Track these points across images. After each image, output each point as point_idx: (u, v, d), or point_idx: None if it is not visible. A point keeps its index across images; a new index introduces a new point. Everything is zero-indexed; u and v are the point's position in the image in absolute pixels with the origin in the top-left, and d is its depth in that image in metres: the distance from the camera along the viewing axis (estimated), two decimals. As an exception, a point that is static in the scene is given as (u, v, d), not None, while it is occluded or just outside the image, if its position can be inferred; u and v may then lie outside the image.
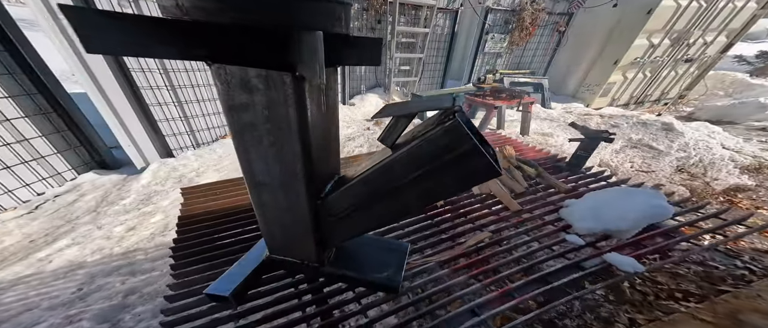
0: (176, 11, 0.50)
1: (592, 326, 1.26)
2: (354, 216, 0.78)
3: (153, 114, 2.61)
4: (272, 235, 0.92)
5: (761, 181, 2.75)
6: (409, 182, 0.63)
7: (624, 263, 0.88)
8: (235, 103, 0.63)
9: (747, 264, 1.67)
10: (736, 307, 1.28)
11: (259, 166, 0.73)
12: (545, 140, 3.50)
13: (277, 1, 0.50)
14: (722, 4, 4.90)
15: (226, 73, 0.59)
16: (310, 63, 0.48)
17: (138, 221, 2.06)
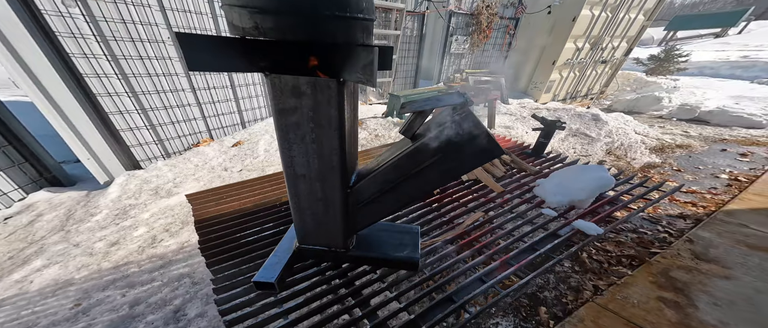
0: (254, 32, 0.60)
1: (567, 294, 1.55)
2: (382, 199, 0.91)
3: (114, 123, 2.38)
4: (304, 224, 1.01)
5: (665, 158, 3.50)
6: (434, 163, 0.77)
7: (589, 228, 1.16)
8: (286, 107, 0.73)
9: (665, 228, 2.18)
10: (666, 266, 1.70)
11: (300, 160, 0.84)
12: (509, 132, 3.97)
13: (336, 23, 0.61)
14: (622, 15, 5.99)
15: (280, 82, 0.70)
16: (368, 75, 0.60)
17: (119, 235, 1.93)
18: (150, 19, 2.36)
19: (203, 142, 3.10)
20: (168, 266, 1.71)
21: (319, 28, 0.60)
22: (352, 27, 0.64)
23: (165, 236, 1.96)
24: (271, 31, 0.58)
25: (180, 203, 2.28)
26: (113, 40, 2.22)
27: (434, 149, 0.76)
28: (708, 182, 2.88)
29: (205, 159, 2.86)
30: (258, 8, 0.55)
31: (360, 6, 0.63)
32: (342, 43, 0.64)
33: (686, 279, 1.56)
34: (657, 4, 6.49)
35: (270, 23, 0.57)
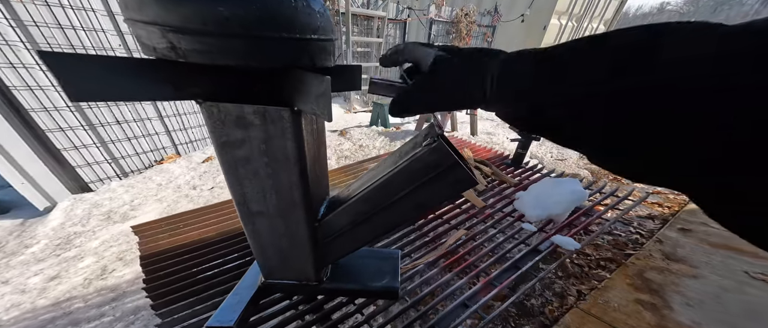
0: (171, 54, 0.47)
1: (552, 301, 1.56)
2: (354, 231, 0.84)
3: (53, 142, 2.11)
4: (268, 260, 0.91)
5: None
6: (405, 195, 0.71)
7: (566, 243, 1.15)
8: (230, 140, 0.62)
9: (637, 229, 2.27)
10: (640, 267, 1.75)
11: (255, 197, 0.73)
12: (490, 139, 4.04)
13: (277, 45, 0.50)
14: (585, 24, 6.45)
15: (219, 111, 0.58)
16: (322, 107, 0.51)
17: (60, 268, 1.69)
18: (95, 25, 2.13)
19: (168, 159, 2.84)
20: (122, 298, 1.52)
21: (261, 52, 0.49)
22: (304, 49, 0.55)
23: (118, 266, 1.74)
24: (196, 54, 0.46)
25: (137, 228, 2.05)
26: (48, 48, 1.97)
27: (404, 182, 0.69)
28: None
29: (170, 177, 2.62)
30: (173, 28, 0.43)
31: (312, 25, 0.53)
32: (292, 68, 0.54)
33: (660, 280, 1.61)
34: (615, 15, 7.02)
35: (193, 45, 0.45)
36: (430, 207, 0.76)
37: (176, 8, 0.42)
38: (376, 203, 0.76)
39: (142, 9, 0.43)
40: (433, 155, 0.64)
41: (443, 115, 3.84)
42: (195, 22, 0.43)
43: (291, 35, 0.50)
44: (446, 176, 0.66)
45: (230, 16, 0.43)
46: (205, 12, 0.42)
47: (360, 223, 0.81)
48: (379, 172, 0.79)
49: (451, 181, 0.65)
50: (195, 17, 0.43)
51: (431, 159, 0.64)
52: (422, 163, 0.65)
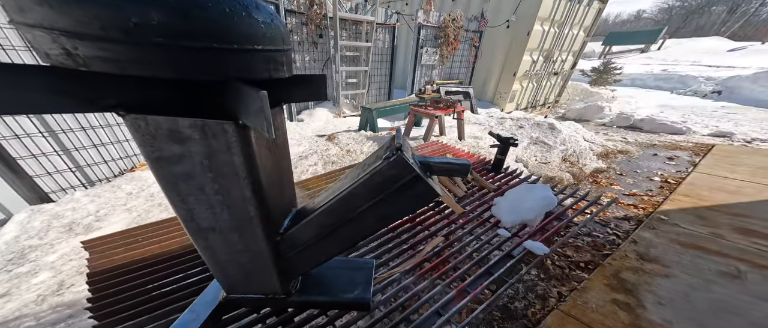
0: (68, 61, 0.41)
1: (535, 303, 1.56)
2: (319, 245, 0.79)
3: (7, 150, 1.95)
4: (228, 276, 0.86)
5: (609, 163, 3.81)
6: (368, 208, 0.68)
7: (536, 248, 1.15)
8: (164, 155, 0.56)
9: (614, 230, 2.33)
10: (617, 268, 1.78)
11: (203, 213, 0.67)
12: (477, 143, 4.07)
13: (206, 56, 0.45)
14: (566, 31, 6.65)
15: (147, 125, 0.52)
16: (260, 122, 0.47)
17: (11, 284, 1.56)
18: None
19: (141, 166, 2.71)
20: (79, 315, 1.40)
21: (180, 62, 0.44)
22: (243, 60, 0.50)
23: (77, 280, 1.62)
24: (100, 62, 0.41)
25: (102, 240, 1.93)
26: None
27: (366, 195, 0.66)
28: (645, 185, 3.17)
29: (142, 185, 2.49)
30: (65, 31, 0.37)
31: (253, 35, 0.48)
32: (231, 81, 0.49)
33: (634, 280, 1.67)
34: (594, 22, 7.28)
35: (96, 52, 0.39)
36: (394, 220, 0.73)
37: (67, 10, 0.36)
38: (340, 216, 0.72)
39: (25, 10, 0.37)
40: (393, 169, 0.61)
41: (431, 120, 3.84)
42: (92, 27, 0.37)
43: (224, 46, 0.46)
44: (407, 189, 0.63)
45: (139, 22, 0.38)
46: (103, 16, 0.36)
47: (325, 236, 0.77)
48: (343, 184, 0.75)
49: (412, 194, 0.63)
50: (92, 21, 0.37)
51: (391, 173, 0.61)
52: (383, 176, 0.62)
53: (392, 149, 0.61)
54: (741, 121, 5.69)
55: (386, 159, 0.60)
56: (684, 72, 11.38)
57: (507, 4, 6.29)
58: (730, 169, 3.22)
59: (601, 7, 7.05)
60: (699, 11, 42.35)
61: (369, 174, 0.64)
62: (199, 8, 0.42)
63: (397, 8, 7.12)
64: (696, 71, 11.43)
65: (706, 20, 40.85)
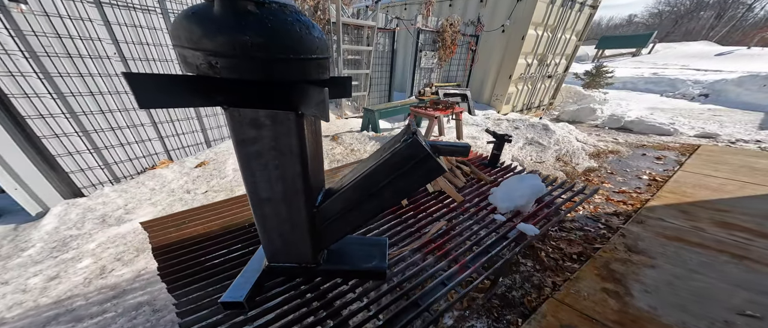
0: (210, 71, 0.63)
1: (531, 292, 1.72)
2: (347, 217, 0.97)
3: (48, 148, 2.14)
4: (272, 244, 1.04)
5: (601, 163, 4.03)
6: (388, 183, 0.86)
7: (528, 229, 1.34)
8: (246, 137, 0.77)
9: (604, 225, 2.52)
10: (607, 259, 1.96)
11: (264, 185, 0.88)
12: (475, 143, 4.28)
13: (287, 64, 0.66)
14: (559, 35, 6.92)
15: (239, 115, 0.73)
16: (321, 111, 0.67)
17: (59, 269, 1.73)
18: (91, 34, 2.21)
19: (161, 164, 2.88)
20: (122, 296, 1.59)
21: (274, 69, 0.65)
22: (307, 66, 0.71)
23: (117, 266, 1.80)
24: (227, 71, 0.62)
25: (133, 230, 2.10)
26: (45, 56, 2.03)
27: (387, 172, 0.84)
28: (633, 183, 3.38)
29: (163, 182, 2.66)
30: (212, 52, 0.59)
31: (312, 48, 0.70)
32: (297, 81, 0.70)
33: (622, 270, 1.80)
34: (585, 26, 7.56)
35: (226, 64, 0.61)
36: (409, 193, 0.92)
37: (216, 38, 0.59)
38: (363, 191, 0.92)
39: (192, 39, 0.61)
40: (410, 149, 0.81)
41: (431, 120, 4.05)
42: (227, 48, 0.60)
43: (296, 56, 0.68)
44: (421, 165, 0.84)
45: (253, 44, 0.60)
46: (235, 41, 0.59)
47: (351, 209, 0.97)
48: (365, 165, 0.95)
49: (424, 170, 0.83)
50: (228, 45, 0.60)
51: (408, 152, 0.82)
52: (400, 156, 0.82)
53: (409, 134, 0.81)
54: (726, 123, 5.96)
55: (404, 141, 0.79)
56: (673, 75, 11.73)
57: (502, 10, 6.57)
58: (714, 167, 3.44)
59: (592, 13, 7.34)
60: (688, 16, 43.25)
61: (389, 154, 0.83)
62: (285, 31, 0.64)
63: (396, 13, 7.38)
64: (684, 75, 11.78)
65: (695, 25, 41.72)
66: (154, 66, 2.65)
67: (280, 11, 0.64)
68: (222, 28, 0.58)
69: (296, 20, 0.66)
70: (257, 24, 0.60)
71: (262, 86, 0.76)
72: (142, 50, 2.53)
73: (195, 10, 0.61)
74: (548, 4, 6.19)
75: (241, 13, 0.59)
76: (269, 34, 0.61)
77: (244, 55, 0.61)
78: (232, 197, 1.74)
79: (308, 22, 0.70)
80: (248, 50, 0.60)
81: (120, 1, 2.31)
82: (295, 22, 0.66)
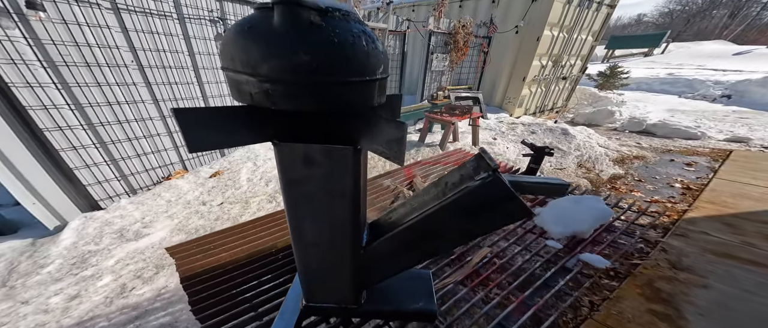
0: (264, 101, 0.52)
1: (566, 312, 1.60)
2: (397, 258, 0.86)
3: (66, 161, 2.08)
4: (312, 285, 0.94)
5: (626, 169, 3.85)
6: (454, 225, 0.74)
7: (596, 261, 1.20)
8: (296, 177, 0.66)
9: (640, 237, 2.36)
10: (649, 277, 1.80)
11: (310, 229, 0.77)
12: (492, 149, 4.13)
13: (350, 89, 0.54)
14: (575, 36, 6.73)
15: (290, 151, 0.62)
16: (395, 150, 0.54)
17: (80, 287, 1.68)
18: (109, 42, 2.14)
19: (176, 175, 2.82)
20: (144, 316, 1.52)
21: (335, 95, 0.53)
22: (370, 90, 0.59)
23: (137, 284, 1.73)
24: (282, 100, 0.51)
25: (151, 245, 2.03)
26: (64, 66, 1.97)
27: (455, 213, 0.72)
28: (666, 192, 3.20)
29: (178, 193, 2.60)
30: (268, 78, 0.48)
31: (377, 65, 0.57)
32: (360, 110, 0.59)
33: (669, 289, 1.64)
34: (602, 26, 7.34)
35: (281, 92, 0.50)
36: (479, 236, 0.80)
37: (273, 59, 0.47)
38: (423, 232, 0.79)
39: (249, 62, 0.49)
40: (490, 189, 0.68)
41: (447, 127, 3.92)
42: (286, 71, 0.48)
43: (361, 78, 0.55)
44: (502, 207, 0.70)
45: (317, 65, 0.48)
46: (296, 62, 0.47)
47: (404, 250, 0.85)
48: (425, 201, 0.83)
49: (506, 212, 0.70)
50: (287, 67, 0.48)
51: (487, 193, 0.68)
52: (476, 196, 0.69)
53: (486, 169, 0.68)
54: (755, 126, 5.69)
55: (482, 180, 0.67)
56: (691, 76, 11.37)
57: (515, 10, 6.40)
58: (752, 175, 3.24)
59: (609, 12, 7.12)
60: (700, 15, 42.23)
61: (460, 193, 0.70)
62: (350, 46, 0.51)
63: (405, 15, 7.26)
64: (702, 75, 11.41)
65: (707, 24, 40.71)
66: (171, 74, 2.58)
67: (344, 21, 0.52)
68: (283, 45, 0.47)
69: (362, 32, 0.54)
70: (321, 39, 0.48)
71: (319, 116, 0.65)
72: (158, 57, 2.46)
73: (252, 23, 0.49)
74: (565, 4, 6.01)
75: (304, 26, 0.47)
76: (334, 51, 0.49)
77: (304, 79, 0.49)
78: (254, 219, 1.65)
79: (371, 34, 0.58)
80: (310, 73, 0.48)
81: (137, 8, 2.24)
82: (361, 35, 0.53)
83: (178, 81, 2.65)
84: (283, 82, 0.49)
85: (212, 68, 2.86)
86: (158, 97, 2.54)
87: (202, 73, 2.80)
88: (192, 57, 2.68)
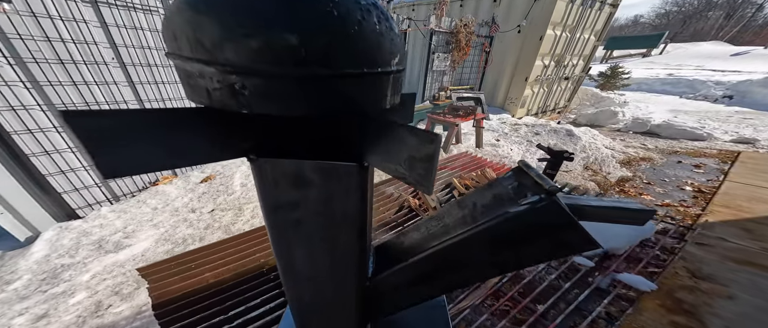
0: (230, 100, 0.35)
1: (579, 324, 1.48)
2: (411, 290, 0.73)
3: (37, 167, 1.90)
4: (307, 322, 0.79)
5: (634, 171, 3.74)
6: (488, 255, 0.60)
7: (638, 283, 1.04)
8: (281, 202, 0.50)
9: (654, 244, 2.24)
10: (669, 287, 1.67)
11: (303, 262, 0.61)
12: (496, 151, 4.00)
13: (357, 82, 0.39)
14: (578, 35, 6.63)
15: (273, 169, 0.46)
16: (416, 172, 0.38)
17: (48, 306, 1.51)
18: (86, 38, 1.96)
19: (163, 180, 2.65)
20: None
21: (333, 94, 0.38)
22: (383, 86, 0.43)
23: (114, 301, 1.56)
24: (260, 100, 0.35)
25: (132, 257, 1.86)
26: (33, 63, 1.79)
27: (489, 242, 0.57)
28: (676, 194, 3.09)
29: (166, 200, 2.42)
30: (233, 67, 0.32)
31: (393, 52, 0.42)
32: (372, 114, 0.43)
33: (692, 301, 1.55)
34: (604, 27, 7.25)
35: (260, 89, 0.34)
36: (520, 268, 0.66)
37: (247, 40, 0.31)
38: (446, 263, 0.65)
39: (201, 42, 0.32)
40: (542, 216, 0.51)
41: (451, 128, 3.78)
42: (266, 59, 0.31)
43: (372, 69, 0.39)
44: (555, 238, 0.53)
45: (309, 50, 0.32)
46: (281, 45, 0.30)
47: (421, 282, 0.70)
48: (447, 226, 0.68)
49: (561, 244, 0.54)
50: (267, 52, 0.31)
51: (536, 220, 0.52)
52: (521, 224, 0.54)
53: (537, 192, 0.53)
54: (759, 127, 5.61)
55: (530, 205, 0.52)
56: (691, 76, 11.34)
57: (517, 9, 6.28)
58: (765, 177, 3.14)
59: (612, 12, 7.03)
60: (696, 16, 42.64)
61: (497, 220, 0.56)
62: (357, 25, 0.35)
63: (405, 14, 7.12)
64: (703, 76, 11.39)
65: (703, 25, 41.13)
66: (157, 72, 2.40)
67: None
68: (257, 17, 0.31)
69: (371, 5, 0.38)
70: (316, 12, 0.32)
71: (312, 122, 0.49)
72: (142, 54, 2.29)
73: None
74: (568, 3, 5.90)
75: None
76: (334, 29, 0.33)
77: (290, 70, 0.33)
78: (241, 233, 1.49)
79: (384, 10, 0.41)
80: (299, 61, 0.32)
81: (118, 1, 2.06)
82: (371, 9, 0.37)
83: (166, 80, 2.48)
84: (258, 73, 0.33)
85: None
86: (143, 97, 2.37)
87: (191, 72, 2.62)
88: (180, 54, 2.51)
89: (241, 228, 2.16)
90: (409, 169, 0.39)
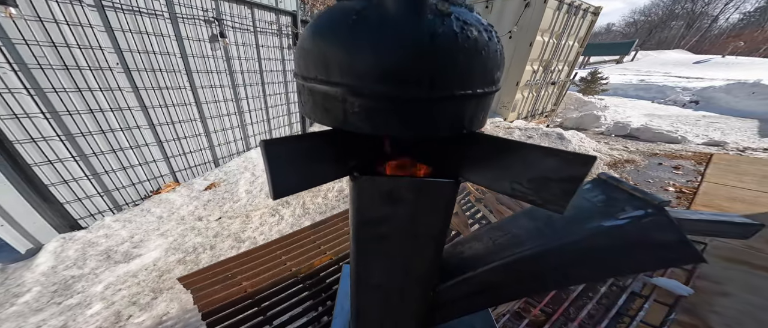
0: (364, 125, 0.40)
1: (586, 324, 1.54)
2: (471, 300, 0.74)
3: (40, 177, 1.82)
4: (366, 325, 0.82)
5: (620, 173, 3.98)
6: (570, 267, 0.59)
7: (674, 287, 1.06)
8: (373, 217, 0.54)
9: None
10: None
11: (378, 273, 0.65)
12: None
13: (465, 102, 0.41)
14: (563, 42, 7.00)
15: (372, 186, 0.50)
16: (557, 199, 0.39)
17: (66, 318, 1.46)
18: (91, 43, 1.91)
19: (166, 188, 2.57)
20: None
21: (450, 113, 0.41)
22: (484, 104, 0.46)
23: (134, 311, 1.53)
24: (386, 120, 0.38)
25: (145, 267, 1.81)
26: (38, 69, 1.72)
27: (572, 256, 0.57)
28: (662, 196, 3.32)
29: (170, 208, 2.36)
30: (373, 92, 0.36)
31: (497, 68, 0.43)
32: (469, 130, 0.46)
33: (691, 299, 1.54)
34: (586, 34, 7.68)
35: (387, 109, 0.38)
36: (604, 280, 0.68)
37: (385, 67, 0.34)
38: (517, 274, 0.66)
39: (352, 71, 0.36)
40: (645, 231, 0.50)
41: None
42: (408, 83, 0.35)
43: (488, 89, 0.42)
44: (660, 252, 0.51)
45: (443, 68, 0.35)
46: (421, 64, 0.34)
47: (483, 292, 0.73)
48: (518, 238, 0.67)
49: (660, 259, 0.52)
50: (406, 77, 0.34)
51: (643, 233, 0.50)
52: (623, 238, 0.52)
53: (641, 206, 0.51)
54: (726, 130, 6.12)
55: (635, 218, 0.51)
56: (661, 82, 12.17)
57: (508, 16, 6.54)
58: (738, 178, 3.43)
59: (593, 19, 7.47)
60: (661, 26, 45.81)
61: (593, 232, 0.54)
62: (473, 43, 0.37)
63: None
64: (671, 82, 12.25)
65: (667, 34, 44.23)
66: (161, 78, 2.35)
67: (465, 8, 0.40)
68: (404, 45, 0.34)
69: (480, 22, 0.41)
70: (449, 36, 0.35)
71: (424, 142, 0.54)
72: (147, 59, 2.23)
73: (359, 12, 0.35)
74: (555, 11, 6.22)
75: (429, 16, 0.34)
76: (463, 52, 0.36)
77: (423, 92, 0.36)
78: (270, 241, 1.50)
79: (489, 26, 0.43)
80: (433, 83, 0.36)
81: (124, 5, 2.01)
82: (481, 27, 0.40)
83: (170, 85, 2.42)
84: (393, 99, 0.37)
85: (206, 72, 2.65)
86: (147, 103, 2.30)
87: (195, 78, 2.58)
88: (185, 60, 2.47)
89: (251, 235, 2.14)
90: (536, 189, 0.41)
